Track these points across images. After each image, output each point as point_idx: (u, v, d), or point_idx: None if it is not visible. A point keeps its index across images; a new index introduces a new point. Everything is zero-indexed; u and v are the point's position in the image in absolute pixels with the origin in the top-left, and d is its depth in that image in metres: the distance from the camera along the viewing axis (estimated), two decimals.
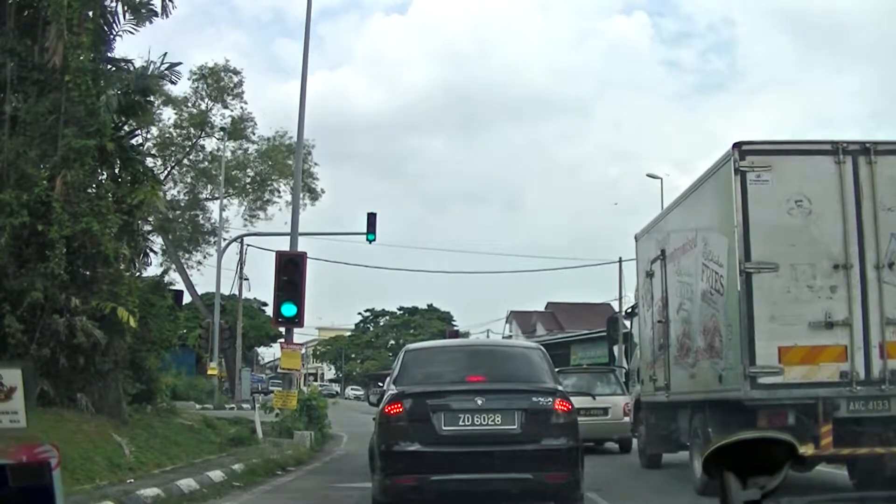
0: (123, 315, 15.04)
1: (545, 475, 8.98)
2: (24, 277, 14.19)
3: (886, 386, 10.33)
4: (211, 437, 18.19)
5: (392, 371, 10.47)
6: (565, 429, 9.16)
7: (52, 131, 15.24)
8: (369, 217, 29.79)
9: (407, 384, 9.58)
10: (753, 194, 10.63)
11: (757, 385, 10.39)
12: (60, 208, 14.56)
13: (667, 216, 14.64)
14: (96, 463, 11.42)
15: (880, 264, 10.53)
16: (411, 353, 10.57)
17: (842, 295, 10.50)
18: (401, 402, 9.23)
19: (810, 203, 10.68)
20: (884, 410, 10.45)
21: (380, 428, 9.35)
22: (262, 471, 14.39)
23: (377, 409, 10.18)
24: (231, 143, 47.27)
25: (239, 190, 48.70)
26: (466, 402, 9.15)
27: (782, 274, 10.50)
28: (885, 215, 10.56)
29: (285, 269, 20.06)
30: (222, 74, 46.31)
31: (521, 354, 11.04)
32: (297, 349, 23.13)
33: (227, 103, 46.71)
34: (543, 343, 64.34)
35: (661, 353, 14.50)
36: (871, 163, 10.72)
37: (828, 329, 10.48)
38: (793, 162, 10.88)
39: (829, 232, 10.61)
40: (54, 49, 15.13)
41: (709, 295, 11.92)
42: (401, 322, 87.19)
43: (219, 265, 42.55)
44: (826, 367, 10.44)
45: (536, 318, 74.99)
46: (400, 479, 9.07)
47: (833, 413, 10.40)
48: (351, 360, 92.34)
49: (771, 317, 10.44)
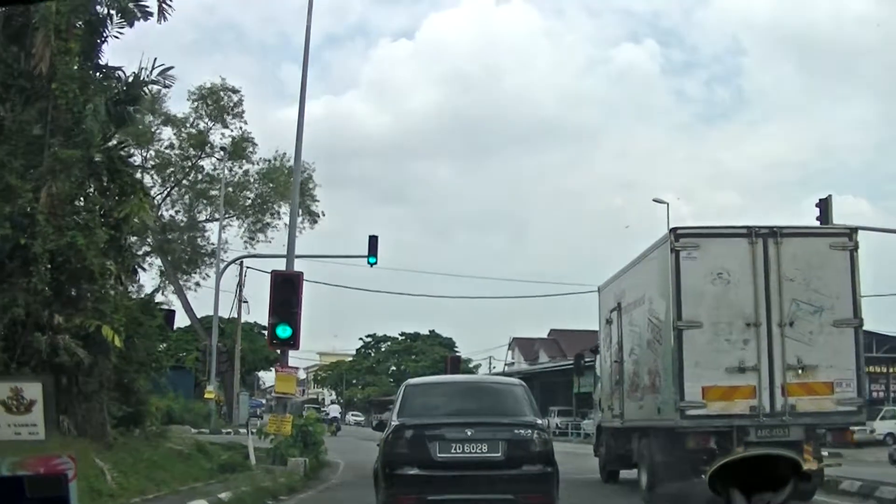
0: (108, 334, 14.62)
1: (525, 496, 10.56)
2: (6, 293, 13.86)
3: (786, 417, 13.68)
4: (201, 463, 17.73)
5: (395, 403, 11.98)
6: (543, 456, 10.75)
7: (38, 141, 14.96)
8: (371, 240, 29.84)
9: (408, 416, 11.14)
10: (685, 268, 13.90)
11: (686, 416, 13.67)
12: (45, 221, 14.19)
13: (623, 275, 17.76)
14: None
15: (783, 323, 13.84)
16: (411, 388, 12.26)
17: (752, 346, 13.79)
18: (402, 432, 10.86)
19: (729, 275, 13.93)
20: (784, 436, 13.61)
21: (384, 454, 10.94)
22: (251, 500, 13.84)
23: (381, 436, 11.71)
24: (231, 164, 47.90)
25: (239, 211, 49.14)
26: (458, 433, 10.69)
27: (706, 330, 13.81)
28: (788, 285, 13.87)
29: (280, 289, 19.43)
30: (221, 94, 46.99)
31: (506, 390, 12.62)
32: (293, 373, 22.51)
33: (227, 123, 47.30)
34: (546, 370, 63.51)
35: (616, 388, 17.84)
36: (777, 243, 14.01)
37: (741, 373, 13.75)
38: (716, 243, 14.20)
39: (743, 297, 13.89)
40: (41, 55, 14.73)
41: (652, 343, 15.25)
42: (402, 348, 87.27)
43: (217, 286, 42.75)
44: (739, 402, 13.71)
45: (539, 345, 75.32)
46: (401, 499, 10.66)
47: (745, 438, 13.54)
48: (352, 385, 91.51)
49: (696, 363, 13.76)
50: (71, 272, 14.88)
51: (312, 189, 48.67)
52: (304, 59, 23.27)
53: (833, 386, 13.78)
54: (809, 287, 13.88)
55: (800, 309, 13.87)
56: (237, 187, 48.88)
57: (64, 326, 14.28)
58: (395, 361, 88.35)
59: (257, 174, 48.56)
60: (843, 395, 13.82)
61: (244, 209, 48.87)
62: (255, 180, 48.88)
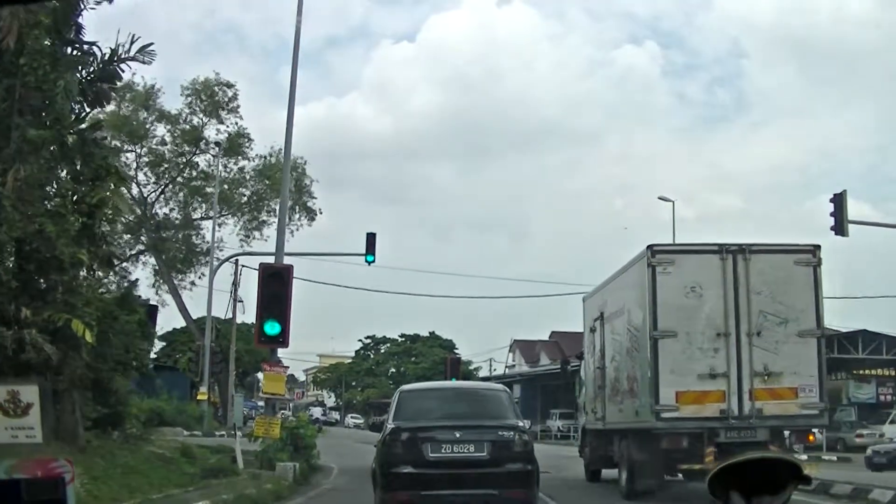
0: (79, 328, 13.78)
1: (508, 491, 11.99)
2: None
3: (754, 420, 15.35)
4: (184, 468, 17.05)
5: (390, 407, 13.61)
6: (524, 456, 12.30)
7: (4, 121, 13.91)
8: (368, 237, 29.32)
9: (402, 419, 12.69)
10: (660, 282, 15.49)
11: (661, 418, 15.28)
12: (12, 207, 13.35)
13: (605, 287, 19.42)
14: None
15: (751, 333, 15.44)
16: (405, 394, 13.96)
17: (722, 355, 15.40)
18: (398, 434, 12.40)
19: (701, 288, 15.52)
20: (752, 437, 15.23)
21: (381, 454, 12.55)
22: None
23: (376, 436, 13.78)
24: (226, 160, 47.21)
25: (235, 209, 48.46)
26: (447, 435, 12.20)
27: (680, 339, 15.39)
28: (755, 297, 15.48)
29: (269, 283, 18.68)
30: (216, 88, 46.26)
31: (491, 395, 14.07)
32: (281, 372, 21.55)
33: (222, 118, 46.62)
34: (547, 373, 63.91)
35: (599, 392, 19.48)
36: (746, 259, 15.60)
37: (711, 379, 15.33)
38: (689, 259, 15.78)
39: (714, 309, 15.49)
40: (8, 28, 13.44)
41: (630, 351, 16.83)
42: (402, 349, 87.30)
43: (210, 285, 41.98)
44: (710, 406, 15.31)
45: (540, 347, 76.00)
46: (397, 494, 12.18)
47: (715, 439, 15.24)
48: (351, 387, 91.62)
49: (671, 370, 15.35)
50: (39, 262, 14.11)
51: (309, 185, 48.31)
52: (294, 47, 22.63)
53: (797, 391, 15.42)
54: (776, 300, 15.50)
55: (766, 320, 15.47)
56: (232, 184, 48.12)
57: (31, 320, 13.49)
58: (395, 363, 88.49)
59: (253, 171, 48.06)
60: (807, 399, 15.45)
61: (240, 206, 47.99)
62: (250, 177, 48.30)
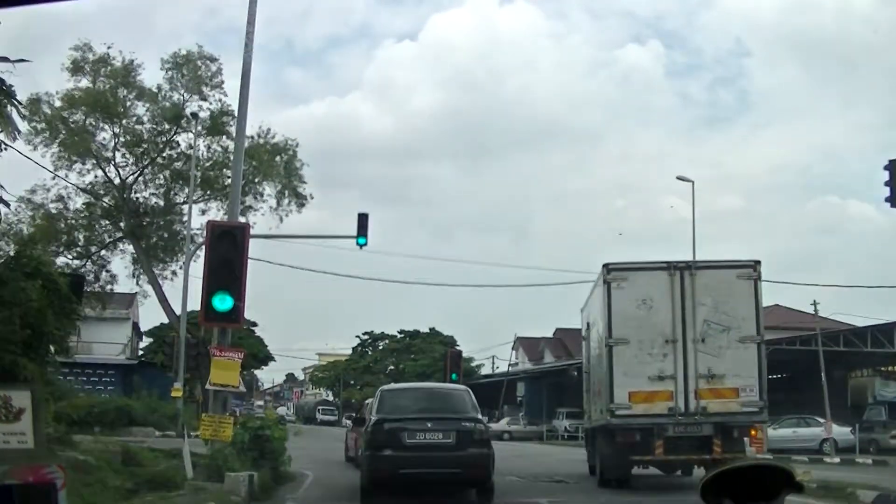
0: None
1: (469, 470, 15.72)
2: None
3: (699, 417, 18.32)
4: (109, 480, 14.14)
5: (373, 404, 17.76)
6: (482, 443, 16.12)
7: None
8: (360, 218, 27.39)
9: (384, 413, 16.51)
10: (615, 296, 18.52)
11: (615, 416, 18.36)
12: None
13: (588, 300, 22.66)
14: None
15: (696, 339, 18.37)
16: (386, 393, 17.86)
17: (670, 359, 18.30)
18: (381, 425, 16.17)
19: (652, 301, 18.42)
20: (697, 432, 18.30)
21: (367, 441, 16.31)
22: None
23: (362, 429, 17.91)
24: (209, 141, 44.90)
25: (218, 192, 45.61)
26: (421, 425, 15.97)
27: (632, 346, 18.37)
28: (701, 308, 18.47)
29: (218, 246, 15.80)
30: (198, 62, 44.07)
31: (456, 394, 17.97)
32: (234, 358, 17.61)
33: (205, 94, 44.07)
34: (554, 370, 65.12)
35: (587, 394, 22.95)
36: (692, 275, 18.58)
37: (661, 380, 18.22)
38: (641, 275, 18.78)
39: (663, 319, 18.44)
40: None
41: (599, 357, 20.06)
42: (401, 346, 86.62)
43: (186, 271, 38.59)
44: (659, 404, 18.20)
45: (544, 345, 77.14)
46: (379, 473, 15.79)
47: (664, 434, 18.20)
48: (350, 386, 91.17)
49: (624, 373, 18.38)
50: None
51: (299, 168, 45.72)
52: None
53: (738, 391, 18.40)
54: (719, 310, 18.52)
55: (710, 328, 18.43)
56: (216, 166, 45.11)
57: None
58: (394, 360, 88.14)
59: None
60: (747, 398, 18.40)
61: (223, 189, 43.79)
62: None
